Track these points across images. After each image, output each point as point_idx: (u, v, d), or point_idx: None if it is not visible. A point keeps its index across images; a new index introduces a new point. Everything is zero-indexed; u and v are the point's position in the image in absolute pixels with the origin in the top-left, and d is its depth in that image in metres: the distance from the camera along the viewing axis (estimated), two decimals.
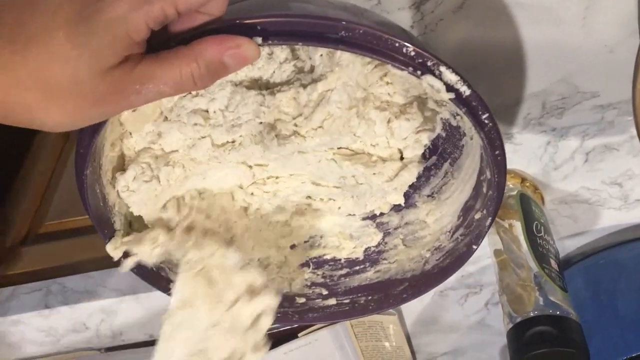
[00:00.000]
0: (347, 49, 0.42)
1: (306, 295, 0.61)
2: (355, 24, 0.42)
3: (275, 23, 0.41)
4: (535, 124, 0.64)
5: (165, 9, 0.38)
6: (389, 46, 0.43)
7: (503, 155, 0.48)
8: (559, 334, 0.59)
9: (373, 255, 0.61)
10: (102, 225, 0.53)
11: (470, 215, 0.56)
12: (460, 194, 0.57)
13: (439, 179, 0.59)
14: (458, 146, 0.56)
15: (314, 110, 0.52)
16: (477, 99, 0.45)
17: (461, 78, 0.44)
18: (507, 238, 0.65)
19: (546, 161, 0.67)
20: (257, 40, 0.41)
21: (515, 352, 0.60)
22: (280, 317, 0.60)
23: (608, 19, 0.57)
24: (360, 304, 0.60)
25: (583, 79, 0.61)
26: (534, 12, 0.57)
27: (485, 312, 0.83)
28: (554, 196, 0.71)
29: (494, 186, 0.50)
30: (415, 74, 0.44)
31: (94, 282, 0.77)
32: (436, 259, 0.58)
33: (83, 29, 0.37)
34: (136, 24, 0.37)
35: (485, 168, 0.51)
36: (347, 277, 0.61)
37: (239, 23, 0.40)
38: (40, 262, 0.76)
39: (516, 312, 0.61)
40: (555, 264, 0.65)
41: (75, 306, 0.78)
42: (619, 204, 0.71)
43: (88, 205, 0.50)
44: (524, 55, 0.60)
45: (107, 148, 0.51)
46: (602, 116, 0.64)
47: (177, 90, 0.40)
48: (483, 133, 0.47)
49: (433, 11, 0.57)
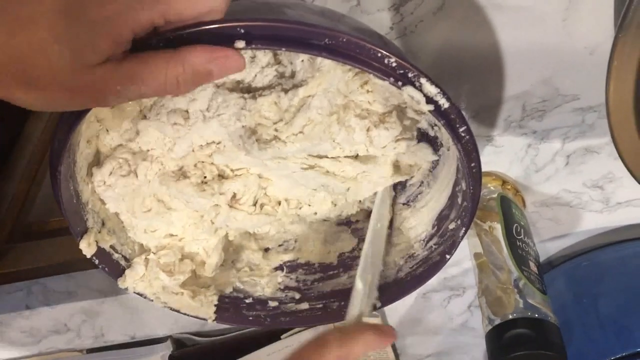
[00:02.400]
0: (330, 56, 0.42)
1: (279, 299, 0.61)
2: (339, 33, 0.42)
3: (259, 27, 0.41)
4: (516, 127, 0.64)
5: (153, 18, 0.38)
6: (372, 56, 0.43)
7: (479, 167, 0.48)
8: (538, 337, 0.59)
9: (347, 260, 0.61)
10: (74, 223, 0.52)
11: (444, 225, 0.56)
12: (436, 203, 0.57)
13: (415, 187, 0.59)
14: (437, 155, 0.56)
15: (294, 115, 0.52)
16: (456, 111, 0.45)
17: (441, 90, 0.45)
18: (487, 240, 0.65)
19: (527, 163, 0.67)
20: (240, 43, 0.41)
21: (493, 354, 0.60)
22: (252, 320, 0.60)
23: (588, 20, 0.57)
24: (332, 309, 0.60)
25: (563, 81, 0.61)
26: (514, 14, 0.57)
27: (468, 315, 0.83)
28: (536, 199, 0.71)
29: (469, 197, 0.50)
30: (396, 84, 0.44)
31: (76, 282, 0.76)
32: (410, 267, 0.58)
33: (67, 25, 0.36)
34: (120, 29, 0.37)
35: (461, 179, 0.52)
36: (320, 282, 0.61)
37: (223, 26, 0.40)
38: (22, 263, 0.76)
39: (495, 315, 0.61)
40: (535, 267, 0.65)
41: (57, 307, 0.78)
42: (600, 206, 0.71)
43: (61, 201, 0.50)
44: (504, 57, 0.60)
45: (83, 145, 0.51)
46: (583, 119, 0.64)
47: (159, 92, 0.40)
48: (460, 145, 0.47)
49: (413, 12, 0.57)
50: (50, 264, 0.76)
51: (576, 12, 0.57)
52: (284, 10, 0.46)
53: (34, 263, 0.76)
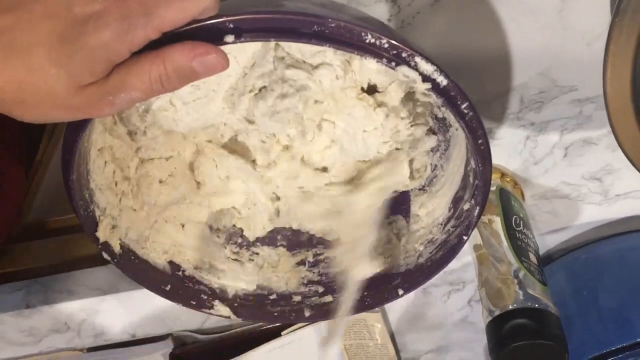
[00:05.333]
0: (319, 43, 0.42)
1: (302, 294, 0.61)
2: (327, 18, 0.42)
3: (246, 20, 0.41)
4: (514, 119, 0.65)
5: (149, 35, 0.38)
6: (362, 39, 0.43)
7: (486, 144, 0.48)
8: (538, 327, 0.59)
9: None
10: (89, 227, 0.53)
11: (460, 206, 0.56)
12: (450, 186, 0.57)
13: (430, 171, 0.59)
14: (446, 138, 0.57)
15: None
16: (455, 88, 0.45)
17: (438, 68, 0.44)
18: (487, 233, 0.65)
19: (526, 156, 0.67)
20: (229, 38, 0.41)
21: (494, 344, 0.60)
22: (277, 316, 0.60)
23: (584, 11, 0.57)
24: (356, 300, 0.60)
25: (561, 72, 0.61)
26: (510, 5, 0.57)
27: (468, 310, 0.83)
28: (535, 191, 0.71)
29: (480, 175, 0.50)
30: (390, 65, 0.43)
31: (75, 281, 0.76)
32: (429, 252, 0.58)
33: (64, 50, 0.37)
34: (118, 52, 0.38)
35: (471, 158, 0.51)
36: (342, 274, 0.61)
37: (211, 22, 0.40)
38: (21, 262, 0.76)
39: (495, 306, 0.62)
40: (534, 258, 0.65)
41: (56, 306, 0.77)
42: (599, 199, 0.71)
43: (77, 208, 0.51)
44: (501, 49, 0.60)
45: (94, 154, 0.52)
46: (580, 110, 0.64)
47: (148, 94, 0.40)
48: (464, 122, 0.46)
49: (410, 4, 0.57)
50: (49, 263, 0.76)
51: (572, 3, 0.57)
52: (282, 3, 0.46)
53: (34, 262, 0.76)
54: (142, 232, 0.58)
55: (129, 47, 0.38)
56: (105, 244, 0.55)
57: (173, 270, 0.59)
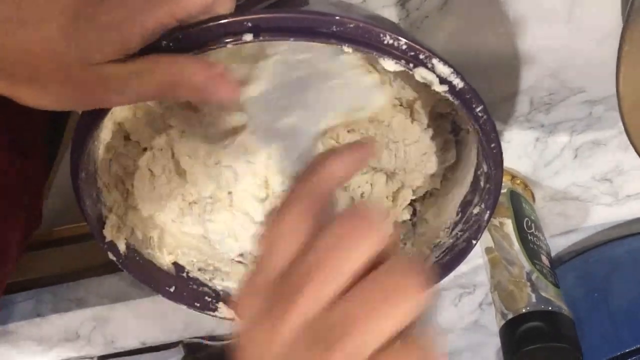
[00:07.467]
0: (338, 42, 0.42)
1: None
2: (347, 18, 0.42)
3: (266, 19, 0.41)
4: (523, 121, 0.64)
5: (163, 20, 0.38)
6: (381, 40, 0.43)
7: (499, 147, 0.48)
8: (551, 330, 0.59)
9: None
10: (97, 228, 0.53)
11: (469, 210, 0.56)
12: (459, 189, 0.57)
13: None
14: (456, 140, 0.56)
15: None
16: (471, 91, 0.45)
17: (454, 70, 0.44)
18: (498, 236, 0.65)
19: (535, 158, 0.67)
20: (248, 36, 0.41)
21: (508, 348, 0.60)
22: None
23: (594, 12, 0.57)
24: None
25: (570, 74, 0.61)
26: (520, 7, 0.57)
27: (479, 313, 0.83)
28: (545, 193, 0.71)
29: (492, 179, 0.50)
30: (407, 66, 0.44)
31: (85, 289, 0.76)
32: (436, 256, 0.58)
33: (77, 26, 0.37)
34: (129, 34, 0.38)
35: (482, 161, 0.51)
36: None
37: (230, 20, 0.40)
38: (31, 271, 0.76)
39: (508, 309, 0.61)
40: (546, 260, 0.65)
41: (67, 314, 0.77)
42: (609, 200, 0.71)
43: (85, 209, 0.51)
44: (511, 52, 0.60)
45: (102, 152, 0.52)
46: (590, 111, 0.64)
47: (157, 93, 0.40)
48: (478, 125, 0.46)
49: (418, 8, 0.57)
50: (60, 272, 0.76)
51: (582, 4, 0.57)
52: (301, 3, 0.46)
53: (44, 271, 0.76)
54: (147, 232, 0.58)
55: (139, 31, 0.38)
56: (111, 244, 0.54)
57: (177, 271, 0.59)
